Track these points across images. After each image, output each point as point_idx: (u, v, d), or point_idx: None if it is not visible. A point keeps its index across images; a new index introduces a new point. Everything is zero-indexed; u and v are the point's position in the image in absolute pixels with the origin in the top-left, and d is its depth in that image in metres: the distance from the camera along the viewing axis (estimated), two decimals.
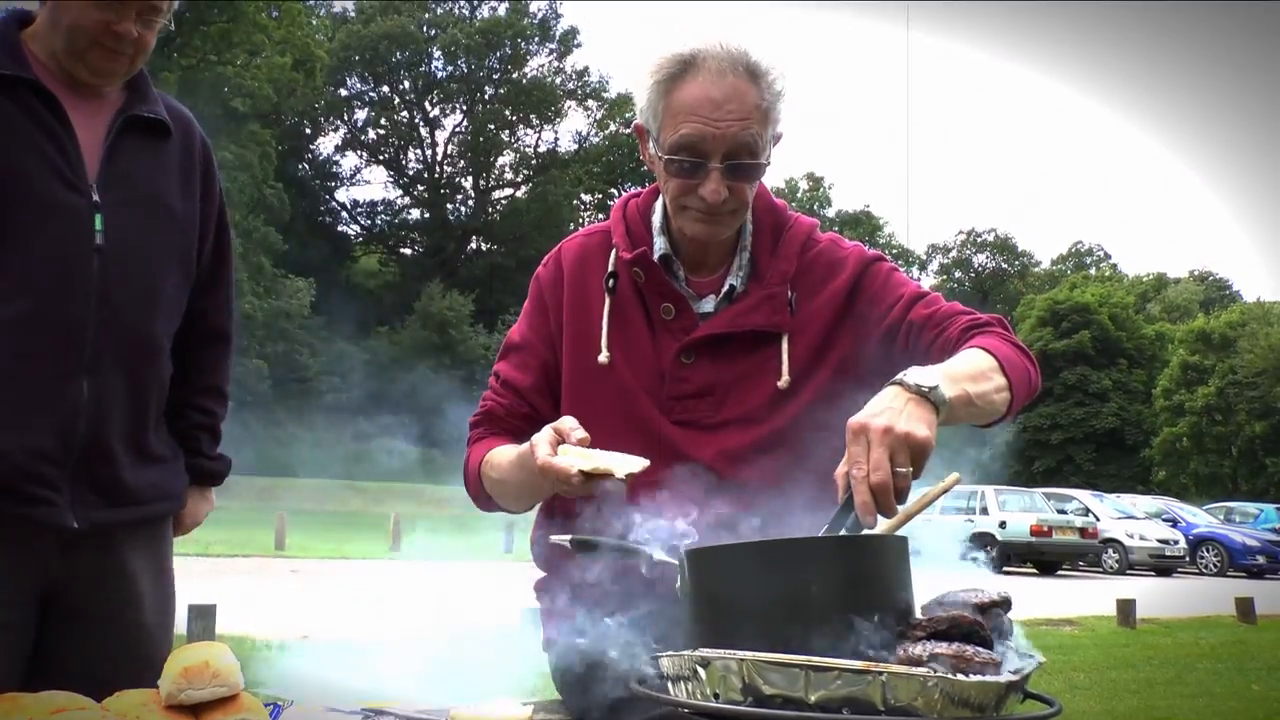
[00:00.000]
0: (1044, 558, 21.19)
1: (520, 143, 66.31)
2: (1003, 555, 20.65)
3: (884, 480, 1.28)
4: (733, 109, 1.62)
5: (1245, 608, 12.46)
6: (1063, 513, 22.65)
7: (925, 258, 74.89)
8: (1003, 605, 1.30)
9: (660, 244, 1.78)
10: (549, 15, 64.13)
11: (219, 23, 40.95)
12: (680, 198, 1.70)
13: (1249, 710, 7.21)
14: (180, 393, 2.07)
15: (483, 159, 64.84)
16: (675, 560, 1.39)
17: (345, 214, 65.74)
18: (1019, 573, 20.18)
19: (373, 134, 65.10)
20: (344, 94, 62.52)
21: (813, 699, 1.08)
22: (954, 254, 75.15)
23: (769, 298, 1.74)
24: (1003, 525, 20.98)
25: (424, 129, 65.11)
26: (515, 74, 63.78)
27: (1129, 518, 23.81)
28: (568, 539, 1.51)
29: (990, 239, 74.24)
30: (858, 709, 1.07)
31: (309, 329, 46.85)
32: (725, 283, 1.77)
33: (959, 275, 73.93)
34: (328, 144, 66.88)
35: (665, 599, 1.45)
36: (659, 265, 1.76)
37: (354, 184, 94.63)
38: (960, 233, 77.84)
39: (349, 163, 78.41)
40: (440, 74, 62.99)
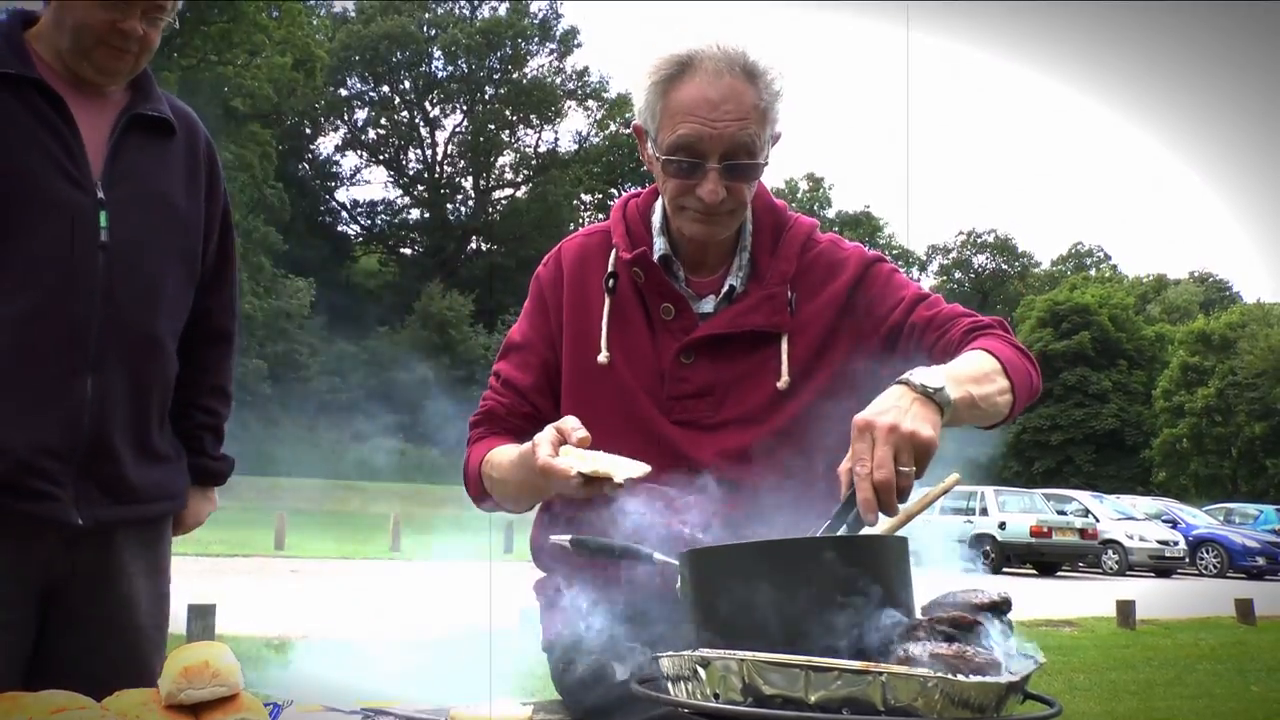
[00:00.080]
0: (1044, 559, 21.18)
1: (520, 143, 66.44)
2: (1002, 556, 20.67)
3: (887, 478, 1.29)
4: (730, 109, 1.62)
5: (1245, 609, 12.46)
6: (1062, 514, 22.65)
7: (925, 258, 74.97)
8: (1003, 606, 1.30)
9: (660, 244, 1.79)
10: (549, 15, 64.26)
11: (219, 23, 40.92)
12: (678, 198, 1.70)
13: (1248, 711, 7.21)
14: (184, 393, 2.07)
15: (483, 159, 64.86)
16: (675, 560, 1.39)
17: (345, 214, 65.89)
18: (1018, 573, 20.17)
19: (373, 134, 65.19)
20: (344, 94, 62.60)
21: (813, 699, 1.08)
22: (954, 255, 75.19)
23: (769, 298, 1.74)
24: (1002, 526, 20.98)
25: (424, 129, 65.21)
26: (515, 74, 63.81)
27: (1129, 519, 23.80)
28: (568, 539, 1.51)
29: (990, 239, 74.27)
30: (858, 709, 1.07)
31: (309, 329, 46.84)
32: (725, 283, 1.77)
33: (959, 276, 73.95)
34: (328, 144, 67.07)
35: (665, 599, 1.45)
36: (659, 265, 1.76)
37: (354, 184, 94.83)
38: (960, 233, 78.01)
39: (349, 163, 78.68)
40: (440, 74, 63.10)
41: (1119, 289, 60.18)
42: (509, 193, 66.09)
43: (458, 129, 64.87)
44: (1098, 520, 22.65)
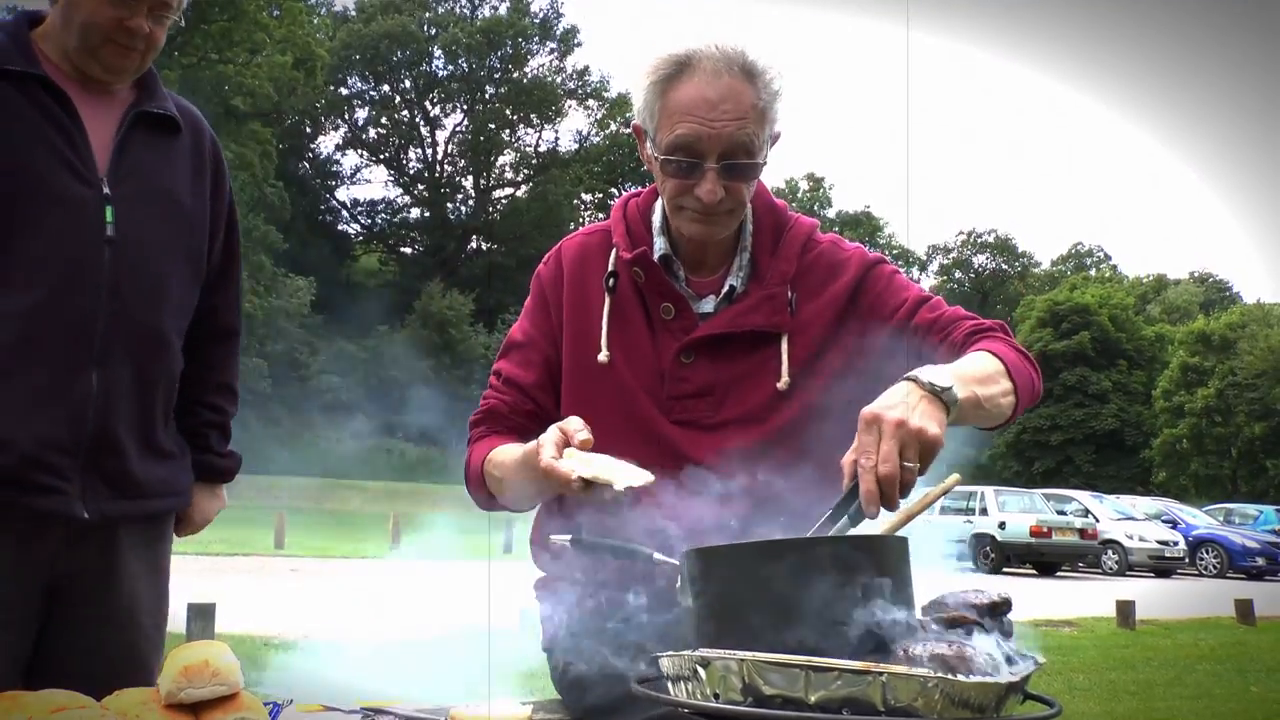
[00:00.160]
0: (1043, 559, 21.18)
1: (520, 142, 66.43)
2: (1002, 556, 20.67)
3: (892, 472, 1.29)
4: (728, 109, 1.62)
5: (1245, 609, 12.46)
6: (1062, 514, 22.65)
7: (925, 258, 74.94)
8: (1003, 606, 1.30)
9: (660, 244, 1.79)
10: (550, 14, 64.24)
11: (220, 21, 40.97)
12: (677, 198, 1.70)
13: (1248, 712, 7.21)
14: (191, 390, 2.08)
15: (483, 158, 64.86)
16: (675, 560, 1.39)
17: (345, 213, 65.86)
18: (1018, 573, 20.18)
19: (373, 133, 65.18)
20: (344, 93, 62.57)
21: (813, 699, 1.08)
22: (954, 255, 75.16)
23: (769, 298, 1.74)
24: (1002, 526, 20.98)
25: (424, 128, 65.20)
26: (516, 73, 63.80)
27: (1128, 519, 23.80)
28: (568, 539, 1.51)
29: (990, 240, 74.25)
30: (858, 709, 1.07)
31: (309, 328, 46.86)
32: (725, 283, 1.77)
33: (959, 276, 73.94)
34: (328, 143, 67.11)
35: (665, 599, 1.45)
36: (659, 265, 1.76)
37: (354, 183, 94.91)
38: (960, 233, 77.83)
39: (349, 162, 78.71)
40: (441, 73, 63.07)
41: (1119, 289, 60.19)
42: (509, 192, 66.15)
43: (458, 128, 64.95)
44: (1097, 520, 22.65)
